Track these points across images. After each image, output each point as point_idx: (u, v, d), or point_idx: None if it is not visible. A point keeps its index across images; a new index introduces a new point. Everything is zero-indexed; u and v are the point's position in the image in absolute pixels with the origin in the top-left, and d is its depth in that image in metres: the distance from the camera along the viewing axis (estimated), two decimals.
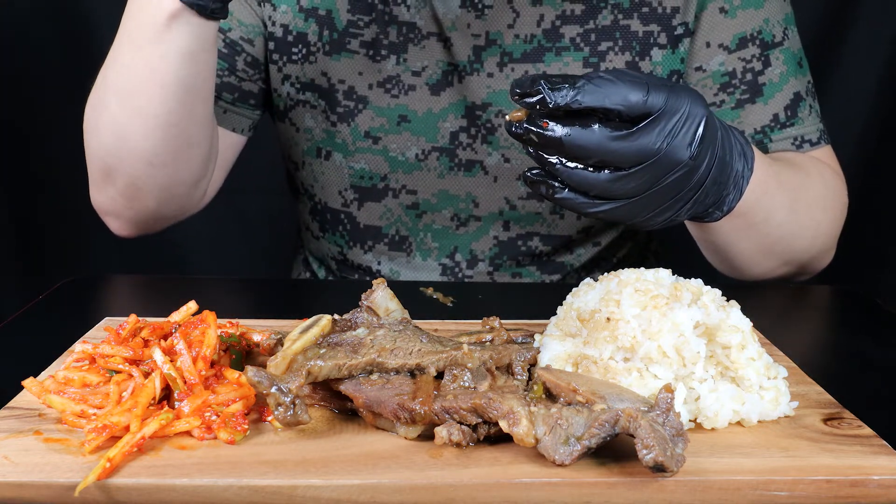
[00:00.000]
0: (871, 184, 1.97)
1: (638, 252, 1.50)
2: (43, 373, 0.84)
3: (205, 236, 2.08)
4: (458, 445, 0.72)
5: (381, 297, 0.88)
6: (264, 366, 0.77)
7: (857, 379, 0.96)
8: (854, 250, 1.62)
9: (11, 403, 0.78)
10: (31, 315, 1.08)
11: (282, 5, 1.28)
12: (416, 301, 1.11)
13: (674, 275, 0.86)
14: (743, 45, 1.25)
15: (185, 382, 0.78)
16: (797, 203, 1.13)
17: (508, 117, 0.85)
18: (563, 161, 0.85)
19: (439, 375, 0.79)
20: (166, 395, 0.78)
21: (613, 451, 0.72)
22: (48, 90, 1.96)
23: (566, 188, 0.87)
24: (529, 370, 0.83)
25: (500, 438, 0.73)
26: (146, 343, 0.83)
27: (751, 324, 0.83)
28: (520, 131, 0.85)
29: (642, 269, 0.86)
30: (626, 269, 0.86)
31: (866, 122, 2.00)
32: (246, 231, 2.17)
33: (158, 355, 0.79)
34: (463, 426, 0.73)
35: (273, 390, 0.74)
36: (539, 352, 0.85)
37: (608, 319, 0.81)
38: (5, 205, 2.03)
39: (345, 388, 0.77)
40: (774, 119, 1.26)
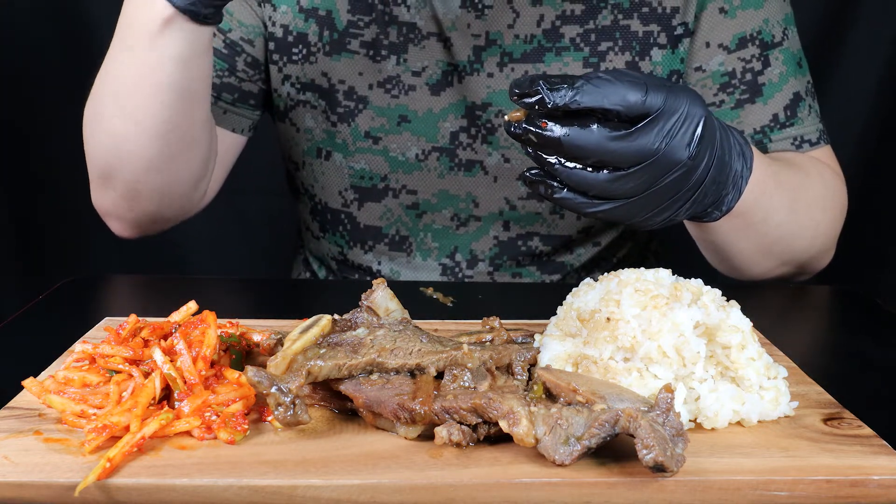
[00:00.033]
0: (871, 184, 1.97)
1: (638, 252, 1.50)
2: (43, 373, 0.84)
3: (205, 236, 2.08)
4: (458, 445, 0.72)
5: (381, 297, 0.88)
6: (264, 366, 0.77)
7: (857, 379, 0.96)
8: (854, 250, 1.62)
9: (11, 403, 0.78)
10: (31, 315, 1.08)
11: (282, 6, 1.28)
12: (416, 301, 1.11)
13: (674, 275, 0.86)
14: (742, 45, 1.25)
15: (185, 382, 0.78)
16: (796, 203, 1.13)
17: (507, 117, 0.85)
18: (561, 161, 0.85)
19: (439, 375, 0.79)
20: (166, 395, 0.78)
21: (613, 451, 0.72)
22: (48, 90, 1.96)
23: (565, 188, 0.87)
24: (529, 370, 0.83)
25: (500, 438, 0.73)
26: (146, 343, 0.83)
27: (751, 324, 0.83)
28: (518, 131, 0.85)
29: (642, 269, 0.86)
30: (626, 269, 0.86)
31: (866, 122, 2.00)
32: (246, 231, 2.17)
33: (158, 355, 0.79)
34: (463, 426, 0.73)
35: (273, 390, 0.74)
36: (539, 352, 0.85)
37: (608, 319, 0.81)
38: (5, 205, 2.03)
39: (345, 388, 0.77)
40: (774, 119, 1.26)
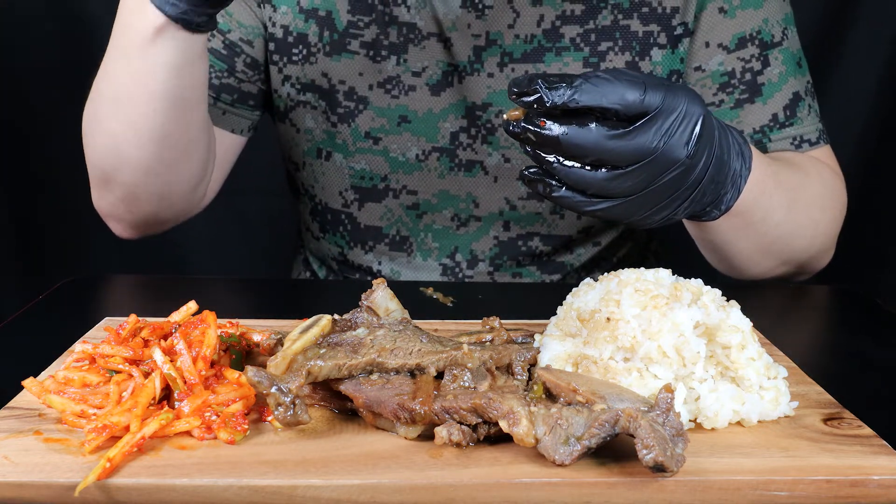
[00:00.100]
0: (871, 184, 1.97)
1: (638, 252, 1.50)
2: (43, 373, 0.84)
3: (205, 236, 2.08)
4: (458, 445, 0.72)
5: (381, 297, 0.88)
6: (264, 366, 0.77)
7: (857, 379, 0.96)
8: (854, 250, 1.62)
9: (11, 403, 0.78)
10: (31, 315, 1.08)
11: (282, 6, 1.27)
12: (416, 301, 1.11)
13: (674, 275, 0.86)
14: (742, 45, 1.25)
15: (185, 382, 0.78)
16: (796, 203, 1.13)
17: (506, 116, 0.85)
18: (560, 160, 0.85)
19: (439, 375, 0.79)
20: (166, 395, 0.78)
21: (613, 451, 0.72)
22: (48, 90, 1.96)
23: (563, 187, 0.87)
24: (529, 370, 0.83)
25: (500, 438, 0.73)
26: (146, 343, 0.83)
27: (751, 324, 0.83)
28: (517, 130, 0.85)
29: (642, 269, 0.86)
30: (626, 269, 0.86)
31: (866, 122, 2.00)
32: (246, 231, 2.17)
33: (158, 355, 0.79)
34: (463, 426, 0.73)
35: (273, 390, 0.74)
36: (539, 352, 0.85)
37: (608, 319, 0.81)
38: (5, 205, 2.03)
39: (345, 388, 0.77)
40: (773, 119, 1.26)
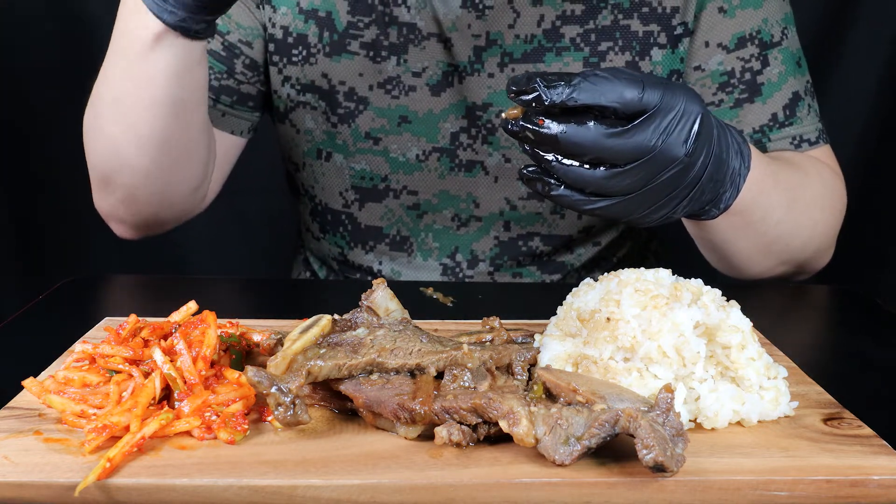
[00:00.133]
0: (871, 184, 1.97)
1: (638, 252, 1.50)
2: (43, 373, 0.84)
3: (205, 236, 2.08)
4: (458, 445, 0.72)
5: (381, 297, 0.88)
6: (264, 366, 0.77)
7: (857, 379, 0.96)
8: (854, 250, 1.62)
9: (11, 403, 0.78)
10: (31, 315, 1.08)
11: (282, 7, 1.28)
12: (416, 301, 1.11)
13: (674, 275, 0.86)
14: (742, 44, 1.25)
15: (185, 382, 0.78)
16: (795, 202, 1.13)
17: (504, 115, 0.85)
18: (559, 158, 0.85)
19: (439, 375, 0.79)
20: (166, 395, 0.78)
21: (613, 451, 0.72)
22: (48, 90, 1.96)
23: (562, 185, 0.87)
24: (529, 370, 0.83)
25: (500, 438, 0.73)
26: (146, 343, 0.83)
27: (751, 324, 0.83)
28: (516, 129, 0.85)
29: (642, 269, 0.86)
30: (626, 269, 0.86)
31: (866, 122, 2.00)
32: (246, 231, 2.17)
33: (158, 355, 0.79)
34: (463, 426, 0.73)
35: (273, 390, 0.74)
36: (539, 352, 0.85)
37: (608, 319, 0.81)
38: (5, 205, 2.03)
39: (345, 388, 0.77)
40: (773, 118, 1.26)
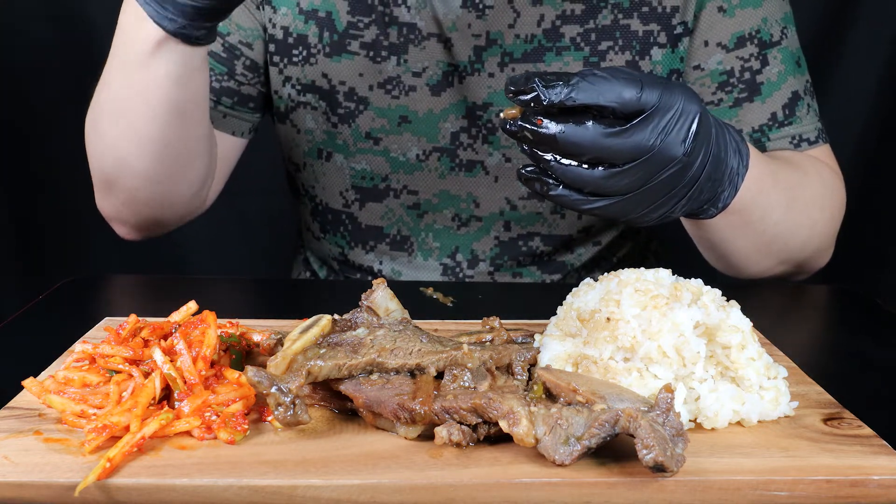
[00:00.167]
0: (871, 184, 1.97)
1: (638, 252, 1.50)
2: (43, 373, 0.84)
3: (205, 236, 2.08)
4: (458, 445, 0.72)
5: (381, 297, 0.88)
6: (264, 366, 0.77)
7: (857, 379, 0.96)
8: (854, 250, 1.62)
9: (11, 403, 0.78)
10: (31, 315, 1.08)
11: (282, 7, 1.28)
12: (416, 301, 1.11)
13: (674, 275, 0.86)
14: (741, 44, 1.25)
15: (185, 382, 0.78)
16: (794, 201, 1.13)
17: (503, 115, 0.85)
18: (557, 158, 0.85)
19: (439, 375, 0.79)
20: (166, 395, 0.78)
21: (613, 451, 0.72)
22: (48, 90, 1.96)
23: (560, 185, 0.87)
24: (529, 370, 0.83)
25: (500, 438, 0.73)
26: (146, 343, 0.83)
27: (751, 324, 0.83)
28: (514, 129, 0.84)
29: (642, 269, 0.86)
30: (626, 269, 0.86)
31: (866, 122, 2.00)
32: (246, 231, 2.17)
33: (158, 355, 0.79)
34: (463, 426, 0.73)
35: (273, 390, 0.74)
36: (539, 352, 0.85)
37: (608, 319, 0.81)
38: (5, 205, 2.03)
39: (345, 388, 0.77)
40: (772, 118, 1.26)
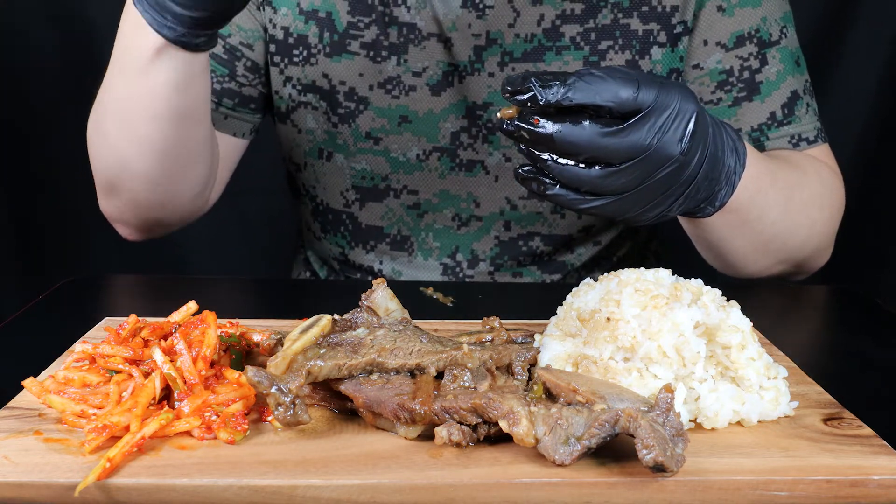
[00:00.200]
0: (871, 184, 1.97)
1: (638, 252, 1.50)
2: (43, 373, 0.84)
3: (205, 236, 2.08)
4: (458, 445, 0.72)
5: (381, 297, 0.88)
6: (264, 366, 0.77)
7: (857, 379, 0.96)
8: (854, 250, 1.62)
9: (11, 403, 0.78)
10: (31, 315, 1.08)
11: (282, 8, 1.28)
12: (416, 301, 1.11)
13: (674, 275, 0.86)
14: (740, 43, 1.25)
15: (185, 382, 0.78)
16: (792, 201, 1.13)
17: (500, 114, 0.85)
18: (554, 157, 0.85)
19: (439, 375, 0.79)
20: (166, 395, 0.78)
21: (613, 451, 0.72)
22: (48, 90, 1.96)
23: (557, 184, 0.87)
24: (529, 370, 0.83)
25: (500, 438, 0.73)
26: (146, 343, 0.83)
27: (751, 324, 0.83)
28: (511, 128, 0.85)
29: (642, 269, 0.86)
30: (626, 269, 0.86)
31: (866, 122, 2.00)
32: (246, 231, 2.17)
33: (158, 355, 0.79)
34: (463, 426, 0.73)
35: (273, 390, 0.74)
36: (539, 352, 0.85)
37: (608, 319, 0.81)
38: (5, 205, 2.03)
39: (345, 388, 0.77)
40: (771, 117, 1.26)
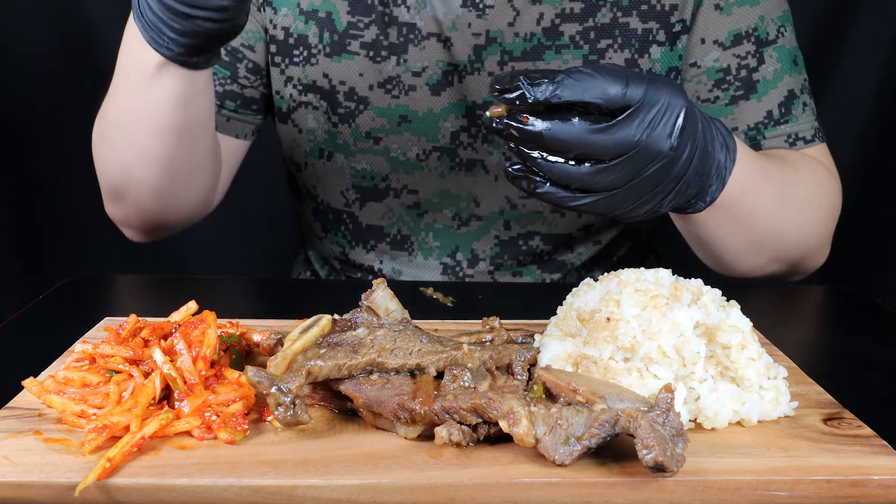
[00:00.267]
0: (871, 184, 1.97)
1: (638, 251, 1.50)
2: (43, 373, 0.84)
3: (205, 236, 2.07)
4: (458, 445, 0.72)
5: (381, 297, 0.88)
6: (264, 366, 0.77)
7: (856, 379, 0.96)
8: (854, 250, 1.62)
9: (11, 403, 0.78)
10: (31, 315, 1.08)
11: (282, 8, 1.28)
12: (416, 301, 1.11)
13: (674, 275, 0.86)
14: (738, 41, 1.25)
15: (185, 382, 0.78)
16: (785, 198, 1.12)
17: (489, 113, 0.85)
18: (544, 155, 0.85)
19: (439, 375, 0.79)
20: (166, 395, 0.78)
21: (613, 451, 0.72)
22: (48, 90, 1.96)
23: (547, 182, 0.87)
24: (529, 370, 0.83)
25: (500, 438, 0.73)
26: (146, 343, 0.83)
27: (751, 324, 0.83)
28: (500, 126, 0.85)
29: (642, 269, 0.86)
30: (626, 269, 0.86)
31: (866, 122, 2.00)
32: (246, 231, 2.17)
33: (158, 355, 0.79)
34: (463, 426, 0.73)
35: (273, 390, 0.74)
36: (539, 352, 0.85)
37: (608, 319, 0.81)
38: (5, 205, 2.03)
39: (345, 388, 0.77)
40: (768, 116, 1.26)
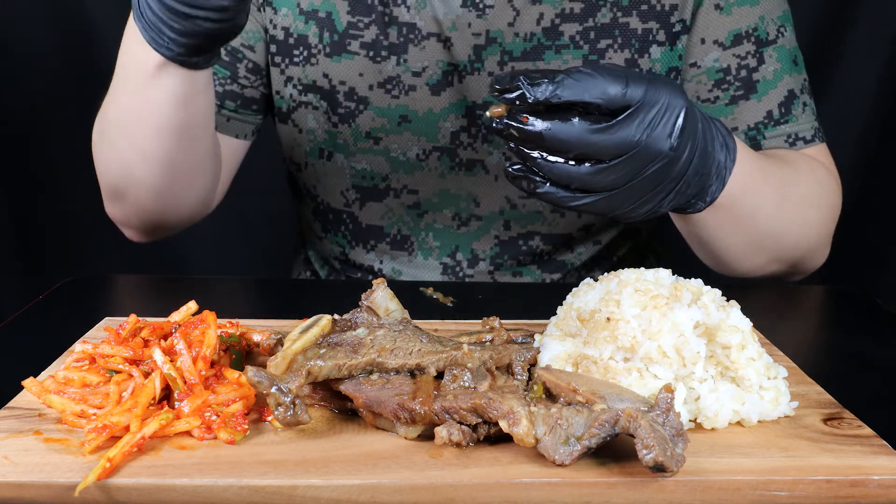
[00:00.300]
0: (871, 184, 1.97)
1: (638, 251, 1.50)
2: (43, 373, 0.84)
3: (205, 236, 2.08)
4: (458, 445, 0.72)
5: (381, 297, 0.88)
6: (264, 366, 0.77)
7: (856, 379, 0.96)
8: (854, 250, 1.62)
9: (11, 403, 0.78)
10: (31, 315, 1.08)
11: (282, 8, 1.28)
12: (416, 301, 1.11)
13: (674, 275, 0.86)
14: (738, 41, 1.25)
15: (185, 382, 0.78)
16: (785, 198, 1.13)
17: (489, 113, 0.85)
18: (544, 155, 0.85)
19: (439, 375, 0.79)
20: (166, 395, 0.78)
21: (613, 451, 0.72)
22: (48, 90, 1.96)
23: (547, 182, 0.87)
24: (529, 370, 0.83)
25: (500, 438, 0.73)
26: (146, 343, 0.83)
27: (751, 324, 0.83)
28: (500, 126, 0.85)
29: (642, 269, 0.86)
30: (626, 269, 0.86)
31: (866, 122, 2.00)
32: (246, 231, 2.17)
33: (158, 355, 0.79)
34: (463, 426, 0.73)
35: (273, 390, 0.74)
36: (539, 352, 0.85)
37: (608, 319, 0.81)
38: (5, 205, 2.03)
39: (345, 388, 0.77)
40: (768, 116, 1.26)
